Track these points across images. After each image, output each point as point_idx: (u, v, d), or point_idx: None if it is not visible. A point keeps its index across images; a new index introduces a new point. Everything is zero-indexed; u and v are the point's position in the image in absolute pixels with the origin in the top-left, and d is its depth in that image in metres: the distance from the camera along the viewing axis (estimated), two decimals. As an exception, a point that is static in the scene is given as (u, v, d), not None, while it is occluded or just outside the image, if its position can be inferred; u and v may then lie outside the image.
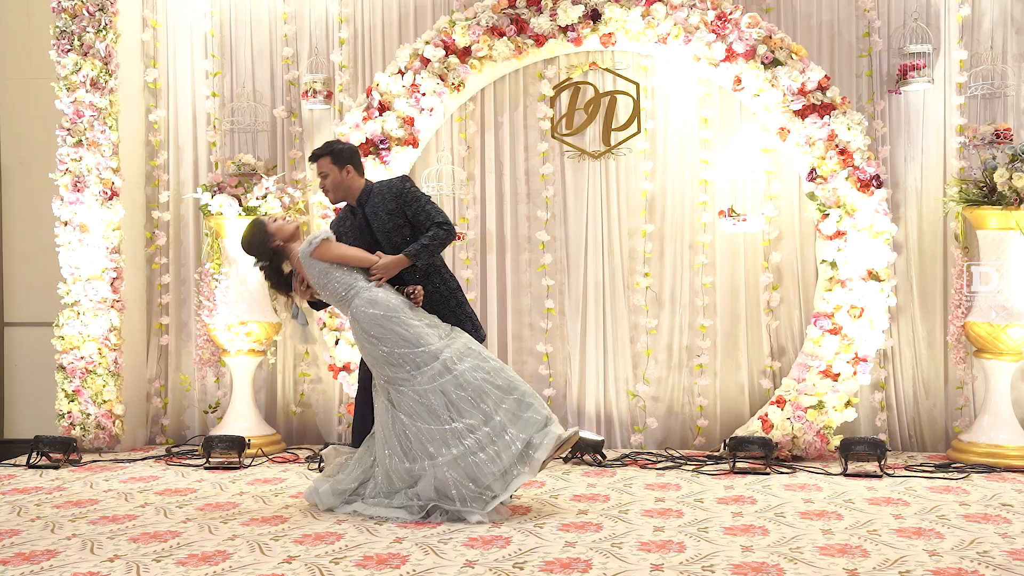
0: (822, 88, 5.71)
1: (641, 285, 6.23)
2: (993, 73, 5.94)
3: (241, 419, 6.12)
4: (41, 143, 6.49)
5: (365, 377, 4.72)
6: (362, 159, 4.94)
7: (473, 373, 4.33)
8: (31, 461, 5.70)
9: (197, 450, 6.02)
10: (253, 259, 4.68)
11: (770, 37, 5.75)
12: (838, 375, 5.66)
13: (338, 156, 4.65)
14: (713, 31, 5.74)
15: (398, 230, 4.58)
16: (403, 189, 4.60)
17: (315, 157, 4.71)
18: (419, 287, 4.54)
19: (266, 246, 4.59)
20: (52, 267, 6.18)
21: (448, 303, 4.67)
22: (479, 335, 4.70)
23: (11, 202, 6.85)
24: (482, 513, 4.22)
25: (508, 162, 6.32)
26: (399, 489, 4.36)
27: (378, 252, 4.54)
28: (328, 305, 4.81)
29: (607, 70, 6.22)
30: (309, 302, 4.77)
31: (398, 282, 4.55)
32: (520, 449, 4.26)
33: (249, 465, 5.71)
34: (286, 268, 4.65)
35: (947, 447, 5.92)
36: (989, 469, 5.37)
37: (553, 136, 6.25)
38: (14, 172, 6.84)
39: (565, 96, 6.24)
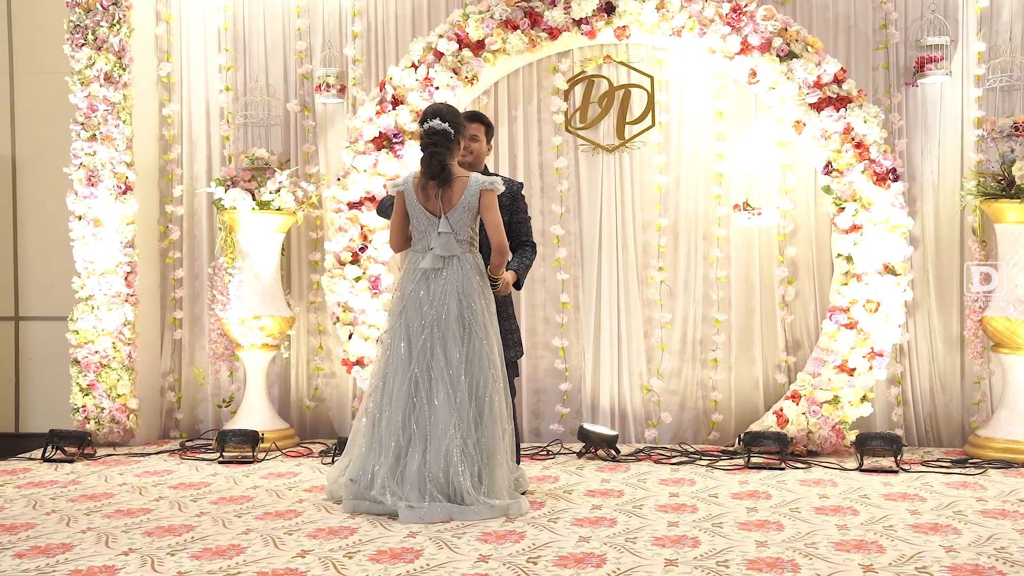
0: (838, 81, 5.67)
1: (655, 279, 6.20)
2: (1012, 65, 5.88)
3: (255, 413, 6.13)
4: (55, 138, 6.51)
5: None
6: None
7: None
8: (46, 455, 5.72)
9: (211, 444, 6.03)
10: (439, 117, 4.37)
11: (785, 29, 5.72)
12: (854, 370, 5.63)
13: (489, 130, 4.90)
14: (728, 24, 5.71)
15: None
16: (520, 194, 4.85)
17: (475, 118, 4.83)
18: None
19: (460, 118, 4.47)
20: (66, 261, 6.20)
21: (506, 310, 4.77)
22: (513, 352, 4.76)
23: (25, 197, 6.88)
24: None
25: (522, 156, 6.30)
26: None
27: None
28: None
29: (621, 63, 6.20)
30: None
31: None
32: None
33: (263, 459, 5.71)
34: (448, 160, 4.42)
35: (964, 442, 5.88)
36: (1007, 465, 5.33)
37: (567, 130, 6.23)
38: (28, 166, 6.86)
39: (579, 89, 6.22)
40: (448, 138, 4.36)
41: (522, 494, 4.50)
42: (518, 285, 4.76)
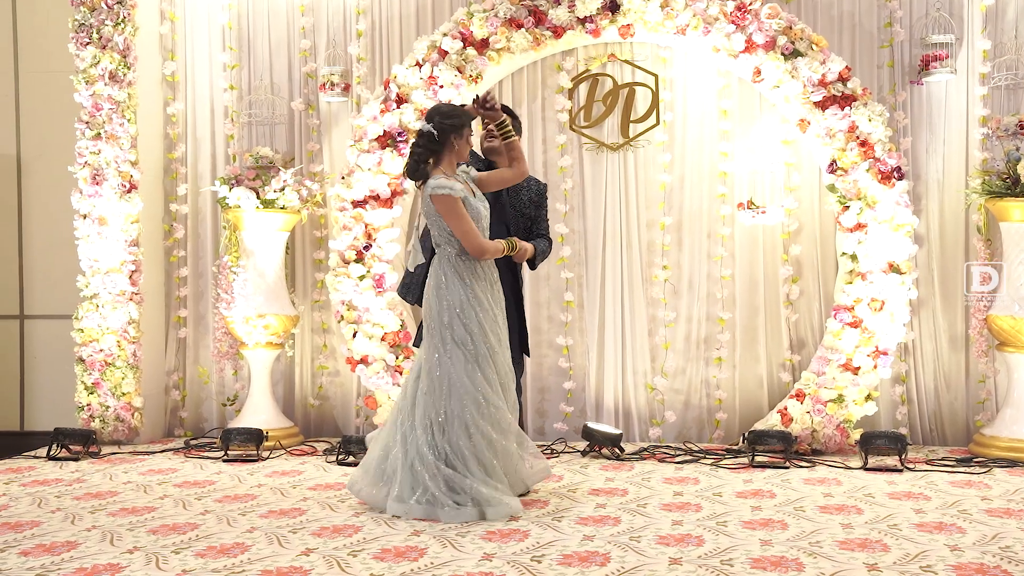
0: (843, 79, 5.66)
1: (659, 277, 6.20)
2: (1017, 63, 5.87)
3: (259, 412, 6.14)
4: (60, 136, 6.52)
5: None
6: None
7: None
8: (51, 453, 5.73)
9: (215, 443, 6.03)
10: (426, 119, 4.34)
11: (790, 28, 5.71)
12: (858, 368, 5.62)
13: (516, 121, 5.01)
14: (732, 22, 5.70)
15: (526, 218, 4.99)
16: (545, 193, 5.08)
17: (506, 110, 4.92)
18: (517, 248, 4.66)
19: (457, 119, 4.36)
20: (71, 260, 6.21)
21: (516, 305, 4.87)
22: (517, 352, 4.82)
23: (31, 195, 6.89)
24: None
25: (526, 154, 6.27)
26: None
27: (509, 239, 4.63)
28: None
29: (626, 62, 6.19)
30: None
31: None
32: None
33: (267, 458, 5.72)
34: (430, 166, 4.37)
35: (969, 441, 5.87)
36: (1011, 463, 5.32)
37: (571, 128, 6.23)
38: (33, 165, 6.88)
39: (583, 88, 6.21)
40: (430, 139, 4.33)
41: (524, 493, 4.50)
42: (532, 265, 4.87)
